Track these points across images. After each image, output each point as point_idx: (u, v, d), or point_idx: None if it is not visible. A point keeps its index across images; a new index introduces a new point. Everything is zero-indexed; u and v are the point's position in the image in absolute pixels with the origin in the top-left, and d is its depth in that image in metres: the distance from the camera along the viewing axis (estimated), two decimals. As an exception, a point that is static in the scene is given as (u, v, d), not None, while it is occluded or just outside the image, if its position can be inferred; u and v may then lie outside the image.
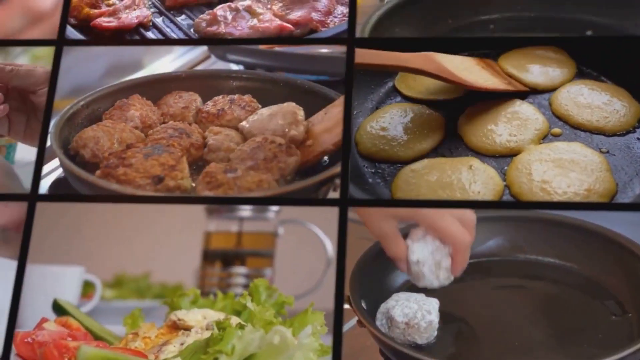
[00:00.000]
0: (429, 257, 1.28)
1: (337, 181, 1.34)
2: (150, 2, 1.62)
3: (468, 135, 1.42)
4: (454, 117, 1.46)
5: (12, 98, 1.52)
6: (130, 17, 1.56)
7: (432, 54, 1.44)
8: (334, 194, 1.34)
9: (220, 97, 1.53)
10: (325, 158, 1.40)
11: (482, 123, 1.43)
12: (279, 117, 1.42)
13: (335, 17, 1.53)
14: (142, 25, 1.56)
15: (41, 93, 1.50)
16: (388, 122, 1.46)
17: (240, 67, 1.60)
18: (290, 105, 1.44)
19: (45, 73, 1.49)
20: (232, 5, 1.56)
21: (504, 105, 1.45)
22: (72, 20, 1.56)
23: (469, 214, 1.29)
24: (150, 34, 1.55)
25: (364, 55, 1.41)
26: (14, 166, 1.51)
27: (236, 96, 1.51)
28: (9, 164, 1.48)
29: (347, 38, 1.46)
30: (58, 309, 1.36)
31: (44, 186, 1.42)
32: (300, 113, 1.42)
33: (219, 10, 1.54)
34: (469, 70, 1.48)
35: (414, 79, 1.52)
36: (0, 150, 1.51)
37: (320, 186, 1.34)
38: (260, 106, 1.50)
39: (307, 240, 1.46)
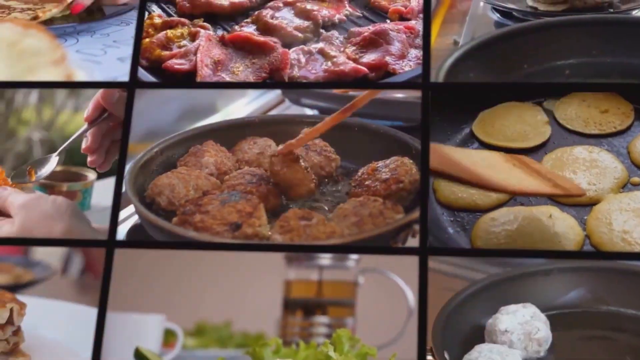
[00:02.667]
0: (517, 327, 1.29)
1: (416, 227, 1.34)
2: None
3: (547, 184, 1.42)
4: (532, 165, 1.45)
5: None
6: (202, 59, 1.55)
7: (438, 147, 1.38)
8: (412, 241, 1.34)
9: None
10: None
11: (561, 171, 1.42)
12: None
13: (410, 60, 1.51)
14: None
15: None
16: (466, 170, 1.45)
17: (315, 112, 1.60)
18: None
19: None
20: (305, 48, 1.54)
21: (582, 153, 1.45)
22: (144, 62, 1.54)
23: None
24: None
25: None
26: (90, 211, 1.51)
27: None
28: (78, 208, 1.48)
29: (422, 83, 1.44)
30: (140, 357, 1.36)
31: (122, 232, 1.42)
32: None
33: (292, 53, 1.52)
34: (494, 167, 1.34)
35: (492, 125, 1.51)
36: (76, 195, 1.51)
37: (399, 232, 1.34)
38: (333, 150, 1.50)
39: (388, 290, 1.45)
